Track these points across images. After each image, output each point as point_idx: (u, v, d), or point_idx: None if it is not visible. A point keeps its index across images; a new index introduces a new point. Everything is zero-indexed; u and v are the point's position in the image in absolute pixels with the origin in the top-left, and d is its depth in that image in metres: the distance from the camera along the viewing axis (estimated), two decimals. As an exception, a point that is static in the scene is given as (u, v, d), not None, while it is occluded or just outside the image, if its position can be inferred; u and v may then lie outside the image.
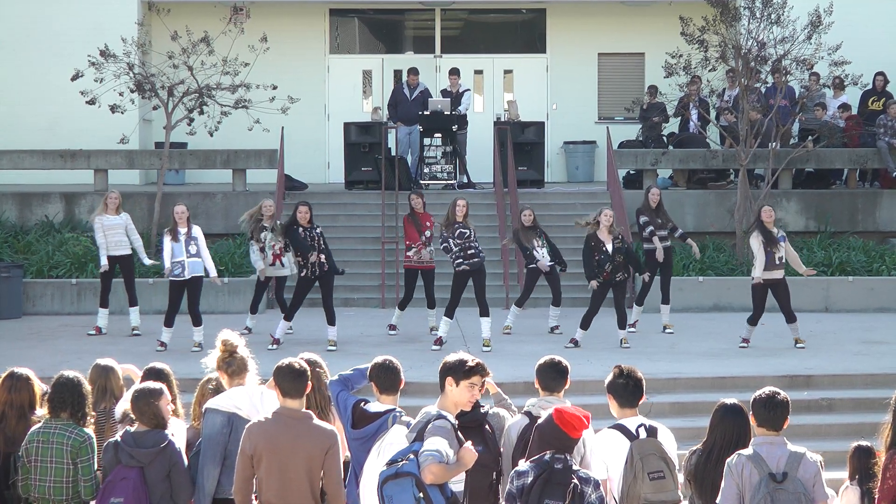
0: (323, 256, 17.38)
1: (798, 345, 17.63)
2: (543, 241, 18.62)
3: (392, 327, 18.94)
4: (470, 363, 7.68)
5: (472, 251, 17.53)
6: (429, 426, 7.40)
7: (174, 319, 17.49)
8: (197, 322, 17.37)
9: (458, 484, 7.44)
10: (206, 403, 8.56)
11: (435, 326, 18.59)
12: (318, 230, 17.53)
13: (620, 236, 17.69)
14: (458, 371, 7.67)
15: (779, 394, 7.69)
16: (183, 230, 17.42)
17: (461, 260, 17.46)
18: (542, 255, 18.57)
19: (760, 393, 7.72)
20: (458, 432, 7.51)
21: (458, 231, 17.52)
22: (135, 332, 18.74)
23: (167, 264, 17.44)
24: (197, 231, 17.57)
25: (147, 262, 18.91)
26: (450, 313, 17.62)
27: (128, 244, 18.71)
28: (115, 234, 18.61)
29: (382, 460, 7.67)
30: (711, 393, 14.45)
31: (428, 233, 18.70)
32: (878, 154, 24.15)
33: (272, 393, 8.40)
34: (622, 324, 17.71)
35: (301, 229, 17.44)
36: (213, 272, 17.69)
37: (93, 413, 8.97)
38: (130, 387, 9.43)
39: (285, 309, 18.20)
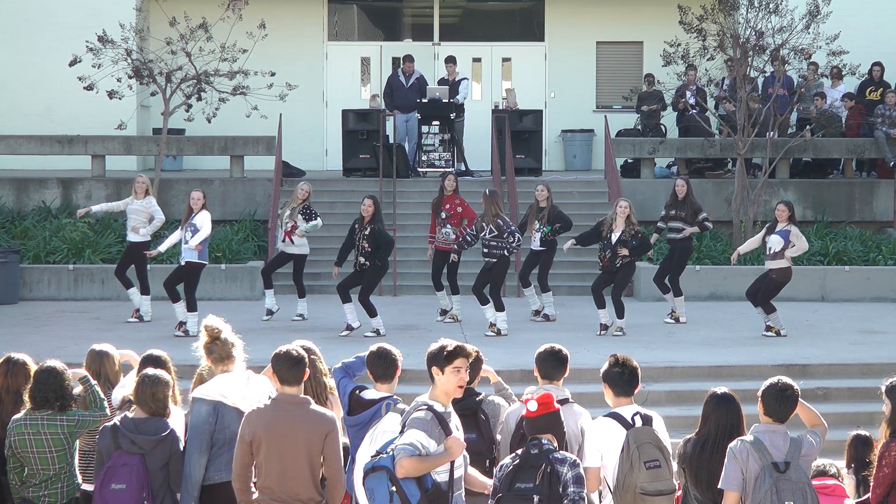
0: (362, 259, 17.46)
1: (766, 332, 17.75)
2: (541, 225, 18.71)
3: (442, 312, 18.97)
4: (449, 347, 7.58)
5: (487, 249, 17.78)
6: (408, 418, 7.40)
7: (194, 303, 17.65)
8: (189, 307, 17.54)
9: (442, 474, 7.38)
10: (192, 392, 8.56)
11: (452, 313, 18.85)
12: (366, 231, 17.35)
13: (637, 231, 17.70)
14: (440, 358, 7.56)
15: (791, 387, 7.71)
16: (193, 216, 17.55)
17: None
18: (534, 239, 18.82)
19: (773, 383, 7.72)
20: (446, 421, 7.45)
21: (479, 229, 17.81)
22: (135, 318, 18.66)
23: (165, 243, 17.99)
24: (199, 218, 17.48)
25: (142, 231, 18.63)
26: (497, 306, 17.81)
27: (146, 232, 18.59)
28: (135, 219, 18.53)
29: (374, 447, 7.69)
30: (708, 382, 14.41)
31: (444, 214, 18.71)
32: (875, 144, 24.17)
33: (259, 379, 8.41)
34: (618, 313, 17.78)
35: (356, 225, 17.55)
36: (162, 248, 18.02)
37: (109, 403, 8.98)
38: (128, 373, 9.45)
39: (303, 291, 18.85)
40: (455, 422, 7.59)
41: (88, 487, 8.88)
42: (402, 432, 7.38)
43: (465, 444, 7.50)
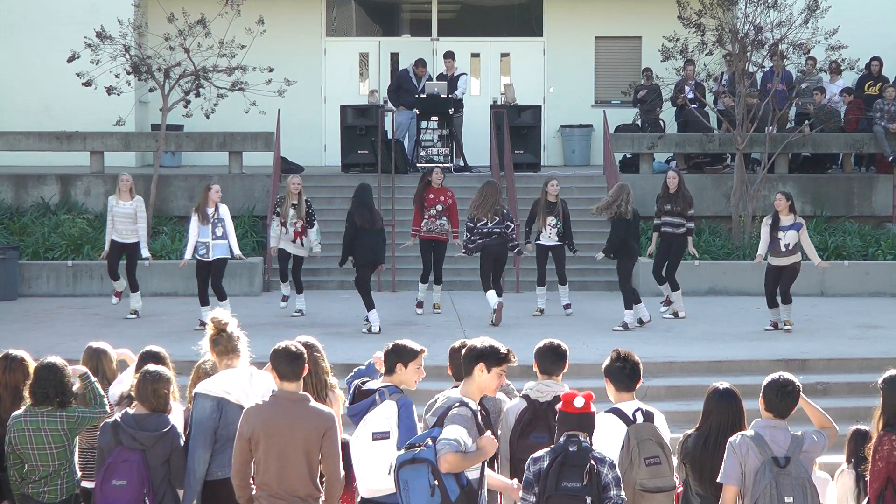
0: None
1: (785, 326, 17.72)
2: (557, 220, 18.67)
3: (419, 304, 19.15)
4: (503, 351, 7.70)
5: (479, 237, 17.90)
6: (448, 413, 7.45)
7: (207, 298, 17.67)
8: (221, 298, 17.60)
9: (473, 472, 7.49)
10: (195, 388, 8.55)
11: (435, 302, 19.19)
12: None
13: (617, 214, 17.80)
14: (492, 358, 7.66)
15: (792, 383, 7.72)
16: (211, 210, 17.53)
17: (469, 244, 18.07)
18: (549, 235, 18.74)
19: (774, 379, 7.75)
20: (480, 419, 7.57)
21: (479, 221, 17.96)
22: (133, 314, 18.60)
23: (190, 244, 17.65)
24: (224, 212, 17.65)
25: (145, 254, 18.55)
26: (485, 289, 18.07)
27: (136, 232, 18.42)
28: (122, 221, 18.40)
29: (367, 429, 7.90)
30: (707, 377, 14.42)
31: (440, 206, 18.82)
32: (874, 138, 24.15)
33: (262, 375, 8.40)
34: (625, 304, 17.86)
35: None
36: (237, 251, 17.90)
37: (108, 401, 8.98)
38: (124, 371, 9.45)
39: (301, 288, 18.83)
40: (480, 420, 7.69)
41: (88, 485, 8.89)
42: (436, 425, 7.47)
43: (497, 444, 7.60)
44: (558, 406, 7.50)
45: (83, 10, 25.72)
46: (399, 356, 8.24)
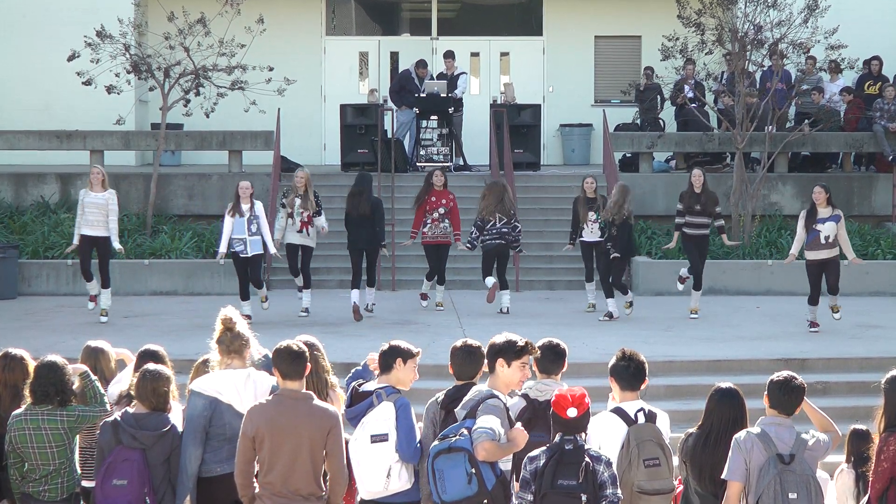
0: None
1: (834, 314, 17.73)
2: (598, 216, 18.68)
3: (424, 296, 19.40)
4: (520, 343, 7.89)
5: (488, 236, 18.41)
6: (481, 405, 7.59)
7: (248, 292, 17.99)
8: (258, 285, 18.05)
9: (506, 463, 7.66)
10: (191, 384, 8.55)
11: (438, 300, 19.40)
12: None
13: (627, 216, 18.12)
14: (510, 352, 7.87)
15: (795, 379, 7.77)
16: (246, 206, 17.66)
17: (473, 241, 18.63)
18: (592, 230, 18.76)
19: (778, 376, 7.83)
20: (510, 412, 7.72)
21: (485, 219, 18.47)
22: (102, 316, 18.11)
23: (224, 241, 17.71)
24: (259, 208, 17.79)
25: (117, 247, 18.01)
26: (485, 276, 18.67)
27: (106, 224, 17.84)
28: (93, 212, 17.84)
29: (365, 432, 7.97)
30: (706, 376, 14.48)
31: (442, 209, 18.93)
32: (874, 138, 24.14)
33: (261, 375, 8.39)
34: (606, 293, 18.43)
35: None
36: (272, 249, 18.07)
37: (108, 400, 8.98)
38: (122, 370, 9.45)
39: (309, 283, 18.79)
40: None
41: (87, 484, 8.89)
42: (467, 417, 7.59)
43: (528, 437, 7.72)
44: (551, 405, 7.56)
45: (83, 9, 25.70)
46: (397, 353, 8.28)
